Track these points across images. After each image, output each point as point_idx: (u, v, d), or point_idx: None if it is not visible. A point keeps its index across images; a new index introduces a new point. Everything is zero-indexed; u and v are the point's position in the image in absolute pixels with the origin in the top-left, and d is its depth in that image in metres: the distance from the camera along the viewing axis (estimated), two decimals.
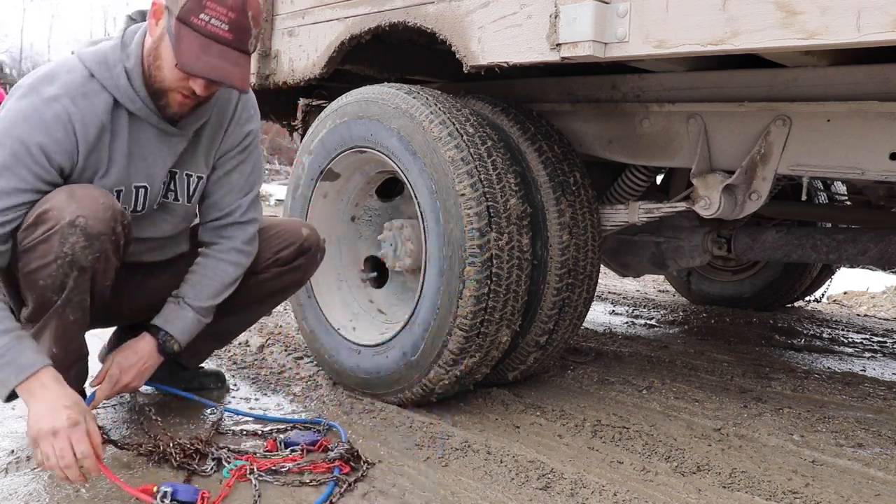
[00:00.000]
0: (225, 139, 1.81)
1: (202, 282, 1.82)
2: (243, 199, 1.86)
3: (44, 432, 1.36)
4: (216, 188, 1.84)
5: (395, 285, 2.39)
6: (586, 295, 2.18)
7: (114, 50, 1.61)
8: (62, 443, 1.36)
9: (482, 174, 1.90)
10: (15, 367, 1.43)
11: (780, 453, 1.91)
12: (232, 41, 1.49)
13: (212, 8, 1.46)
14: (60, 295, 1.54)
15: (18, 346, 1.44)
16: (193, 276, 1.83)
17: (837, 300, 4.83)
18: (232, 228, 1.86)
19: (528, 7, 1.80)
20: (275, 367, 2.46)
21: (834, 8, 1.36)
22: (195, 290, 1.82)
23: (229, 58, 1.50)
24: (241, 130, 1.83)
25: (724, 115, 1.98)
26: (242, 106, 1.83)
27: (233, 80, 1.51)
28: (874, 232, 2.51)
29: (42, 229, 1.50)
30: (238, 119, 1.82)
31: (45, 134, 1.51)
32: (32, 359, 1.44)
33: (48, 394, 1.41)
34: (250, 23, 1.51)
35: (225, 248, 1.85)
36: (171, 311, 1.81)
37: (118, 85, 1.58)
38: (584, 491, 1.59)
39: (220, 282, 1.84)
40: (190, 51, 1.47)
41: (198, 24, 1.47)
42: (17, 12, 35.93)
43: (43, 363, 1.45)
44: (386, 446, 1.80)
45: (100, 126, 1.57)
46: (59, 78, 1.55)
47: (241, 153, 1.85)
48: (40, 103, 1.52)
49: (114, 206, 1.57)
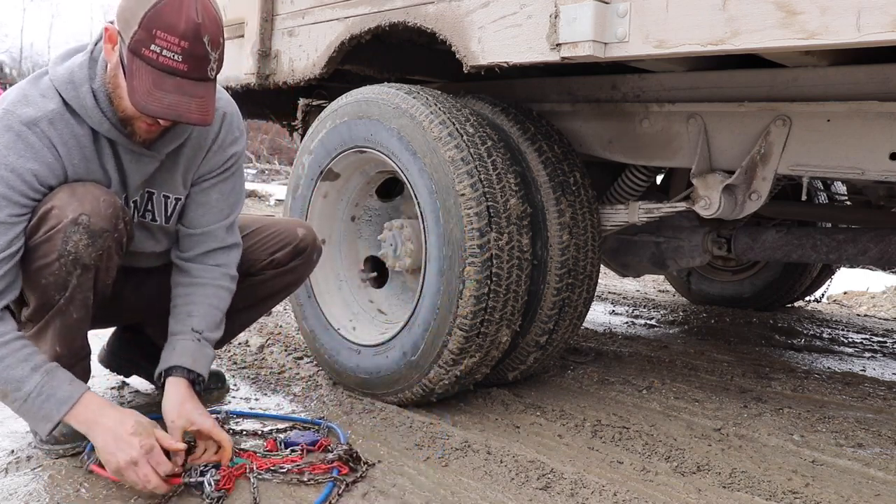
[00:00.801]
0: (205, 162, 1.73)
1: (212, 313, 1.74)
2: (224, 222, 1.78)
3: (124, 465, 1.40)
4: (194, 207, 1.76)
5: (395, 285, 2.39)
6: (586, 295, 2.18)
7: (81, 67, 1.54)
8: (145, 469, 1.40)
9: (482, 174, 1.90)
10: (55, 400, 1.45)
11: (780, 453, 1.91)
12: (188, 72, 1.41)
13: (162, 38, 1.37)
14: (63, 293, 1.54)
15: (52, 380, 1.47)
16: (201, 308, 1.73)
17: (837, 300, 4.83)
18: (218, 254, 1.78)
19: (528, 7, 1.80)
20: (275, 367, 2.46)
21: (834, 8, 1.36)
22: (207, 322, 1.72)
23: (186, 90, 1.42)
24: (223, 154, 1.75)
25: (724, 115, 1.98)
26: (227, 129, 1.75)
27: (189, 116, 1.43)
28: (874, 232, 2.51)
29: (44, 228, 1.50)
30: (222, 142, 1.74)
31: (35, 159, 1.49)
32: (69, 390, 1.47)
33: (106, 421, 1.44)
34: (207, 48, 1.41)
35: (219, 275, 1.77)
36: (194, 349, 1.68)
37: (85, 106, 1.52)
38: (584, 491, 1.59)
39: (223, 310, 1.78)
40: (142, 87, 1.40)
41: (149, 56, 1.38)
42: (17, 12, 35.96)
43: (81, 391, 1.47)
44: (386, 446, 1.80)
45: (81, 147, 1.54)
46: (36, 100, 1.52)
47: (222, 174, 1.77)
48: (21, 129, 1.48)
49: (115, 203, 1.56)
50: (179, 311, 1.73)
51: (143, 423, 1.45)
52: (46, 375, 1.46)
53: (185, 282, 1.76)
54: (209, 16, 1.42)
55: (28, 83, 1.58)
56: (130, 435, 1.41)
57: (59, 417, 1.45)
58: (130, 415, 1.47)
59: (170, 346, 1.70)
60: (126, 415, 1.46)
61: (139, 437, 1.42)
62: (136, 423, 1.44)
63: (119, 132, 1.57)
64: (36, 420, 1.48)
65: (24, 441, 1.73)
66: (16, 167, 1.47)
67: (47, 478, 1.54)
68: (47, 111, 1.51)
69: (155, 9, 1.38)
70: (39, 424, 1.48)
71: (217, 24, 1.45)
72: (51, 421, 1.46)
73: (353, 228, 2.44)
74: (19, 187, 1.48)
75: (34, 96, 1.53)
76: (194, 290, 1.75)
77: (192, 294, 1.74)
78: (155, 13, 1.38)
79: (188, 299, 1.74)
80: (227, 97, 1.80)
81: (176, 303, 1.75)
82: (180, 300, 1.75)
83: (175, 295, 1.76)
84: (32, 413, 1.47)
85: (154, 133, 1.57)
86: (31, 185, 1.49)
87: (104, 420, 1.44)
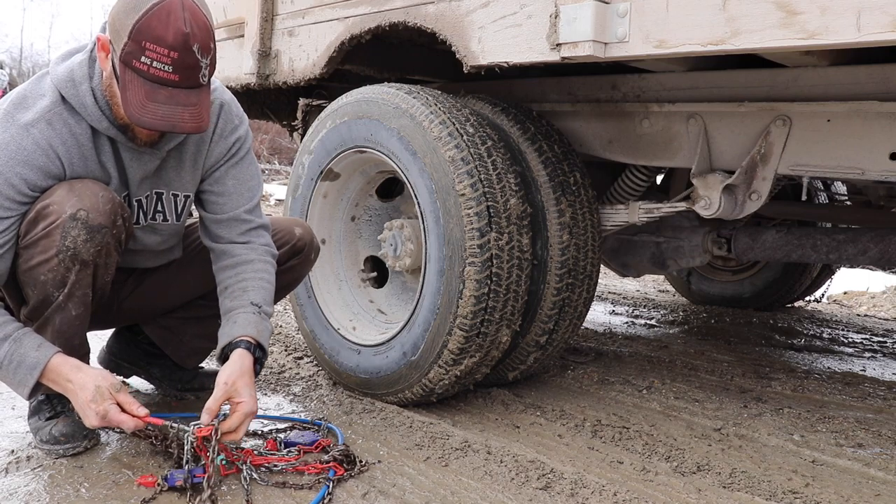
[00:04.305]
0: (209, 153, 1.75)
1: (266, 287, 1.74)
2: (247, 205, 1.79)
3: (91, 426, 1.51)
4: (213, 198, 1.77)
5: (395, 285, 2.39)
6: (586, 295, 2.18)
7: (81, 66, 1.54)
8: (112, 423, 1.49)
9: (482, 174, 1.90)
10: (25, 367, 1.49)
11: (780, 453, 1.91)
12: (179, 81, 1.42)
13: (152, 50, 1.38)
14: (62, 290, 1.54)
15: (20, 347, 1.50)
16: (255, 283, 1.72)
17: (837, 300, 4.83)
18: (253, 233, 1.79)
19: (528, 7, 1.80)
20: (275, 367, 2.46)
21: (834, 8, 1.36)
22: (263, 295, 1.72)
23: (179, 100, 1.43)
24: (226, 141, 1.76)
25: (724, 115, 1.98)
26: (225, 118, 1.75)
27: (183, 126, 1.44)
28: (874, 232, 2.51)
29: (43, 224, 1.50)
30: (221, 132, 1.75)
31: (26, 164, 1.49)
32: (36, 356, 1.50)
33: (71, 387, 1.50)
34: (197, 56, 1.41)
35: (263, 252, 1.78)
36: (257, 322, 1.67)
37: (84, 104, 1.53)
38: (584, 491, 1.59)
39: (274, 286, 1.78)
40: (135, 99, 1.41)
41: (141, 68, 1.39)
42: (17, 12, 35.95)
43: (48, 355, 1.50)
44: (386, 446, 1.80)
45: (80, 146, 1.55)
46: (34, 103, 1.53)
47: (230, 159, 1.78)
48: (17, 131, 1.49)
49: (114, 199, 1.56)
50: (233, 289, 1.72)
51: (101, 388, 1.48)
52: (14, 343, 1.50)
53: (231, 263, 1.75)
54: (198, 23, 1.42)
55: (29, 84, 1.58)
56: (89, 402, 1.47)
57: (32, 382, 1.49)
58: (92, 379, 1.49)
59: (230, 321, 1.67)
60: (89, 378, 1.49)
61: (95, 403, 1.47)
62: (96, 388, 1.48)
63: (118, 131, 1.57)
64: (14, 387, 1.53)
65: (24, 441, 1.73)
66: (3, 171, 1.47)
67: (47, 478, 1.55)
68: (45, 111, 1.51)
69: (143, 20, 1.37)
70: (19, 390, 1.52)
71: (206, 29, 1.44)
72: (26, 386, 1.50)
73: (353, 228, 2.44)
74: (6, 191, 1.48)
75: (33, 97, 1.54)
76: (244, 268, 1.74)
77: (242, 272, 1.73)
78: (144, 25, 1.37)
79: (240, 276, 1.73)
80: (222, 87, 1.80)
81: (227, 284, 1.73)
82: (231, 280, 1.73)
83: (223, 278, 1.75)
84: (9, 380, 1.52)
85: (155, 136, 1.59)
86: (18, 189, 1.50)
87: (71, 386, 1.50)
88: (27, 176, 1.50)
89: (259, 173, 1.87)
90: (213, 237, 1.79)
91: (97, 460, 1.63)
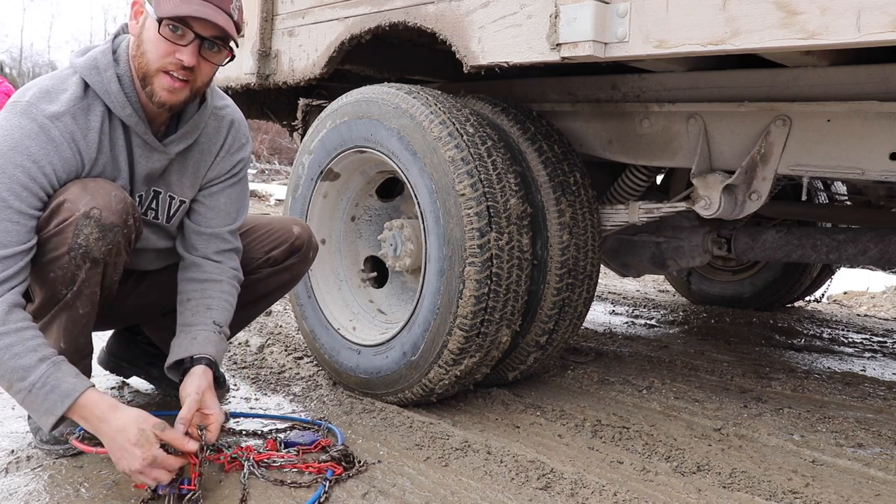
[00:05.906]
0: (213, 167, 1.77)
1: (228, 310, 1.76)
2: (231, 226, 1.81)
3: (129, 472, 1.40)
4: (203, 210, 1.79)
5: (395, 285, 2.39)
6: (586, 295, 2.18)
7: (104, 54, 1.58)
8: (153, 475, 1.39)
9: (482, 174, 1.90)
10: (59, 393, 1.41)
11: (780, 453, 1.91)
12: None
13: None
14: (71, 288, 1.54)
15: (57, 371, 1.42)
16: (219, 303, 1.74)
17: (837, 300, 4.83)
18: (228, 255, 1.81)
19: (528, 7, 1.80)
20: (275, 367, 2.46)
21: (834, 8, 1.36)
22: (224, 317, 1.74)
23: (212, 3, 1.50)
24: (231, 159, 1.80)
25: (724, 115, 1.98)
26: (234, 135, 1.79)
27: (216, 18, 1.49)
28: (874, 232, 2.51)
29: (56, 221, 1.50)
30: (229, 148, 1.79)
31: (56, 153, 1.50)
32: (73, 383, 1.42)
33: (108, 428, 1.41)
34: None
35: (232, 275, 1.80)
36: (217, 342, 1.69)
37: (109, 90, 1.56)
38: (584, 491, 1.59)
39: (234, 309, 1.80)
40: (170, 2, 1.47)
41: None
42: (17, 12, 35.97)
43: (85, 386, 1.43)
44: (386, 446, 1.80)
45: (98, 141, 1.56)
46: (59, 95, 1.54)
47: (230, 179, 1.81)
48: (45, 122, 1.50)
49: (126, 199, 1.57)
50: (197, 304, 1.72)
51: (145, 432, 1.39)
52: (52, 367, 1.41)
53: (200, 277, 1.76)
54: None
55: (49, 78, 1.59)
56: (133, 445, 1.37)
57: (61, 411, 1.40)
58: (134, 421, 1.40)
59: (188, 335, 1.67)
60: (130, 420, 1.40)
61: (141, 448, 1.37)
62: (140, 431, 1.38)
63: (139, 118, 1.58)
64: (39, 413, 1.42)
65: (24, 441, 1.73)
66: (38, 159, 1.48)
67: (47, 478, 1.55)
68: (71, 105, 1.53)
69: None
70: (43, 418, 1.42)
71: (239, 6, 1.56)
72: (53, 414, 1.40)
73: (353, 228, 2.44)
74: (40, 180, 1.49)
75: (57, 90, 1.55)
76: (210, 286, 1.75)
77: (208, 289, 1.75)
78: None
79: (205, 294, 1.74)
80: (234, 106, 1.84)
81: (191, 296, 1.74)
82: (196, 294, 1.74)
83: (188, 289, 1.75)
84: (36, 405, 1.41)
85: (175, 93, 1.55)
86: (49, 179, 1.50)
87: (106, 426, 1.40)
88: (57, 166, 1.50)
89: (248, 196, 1.91)
90: (188, 247, 1.79)
91: (97, 460, 1.63)
